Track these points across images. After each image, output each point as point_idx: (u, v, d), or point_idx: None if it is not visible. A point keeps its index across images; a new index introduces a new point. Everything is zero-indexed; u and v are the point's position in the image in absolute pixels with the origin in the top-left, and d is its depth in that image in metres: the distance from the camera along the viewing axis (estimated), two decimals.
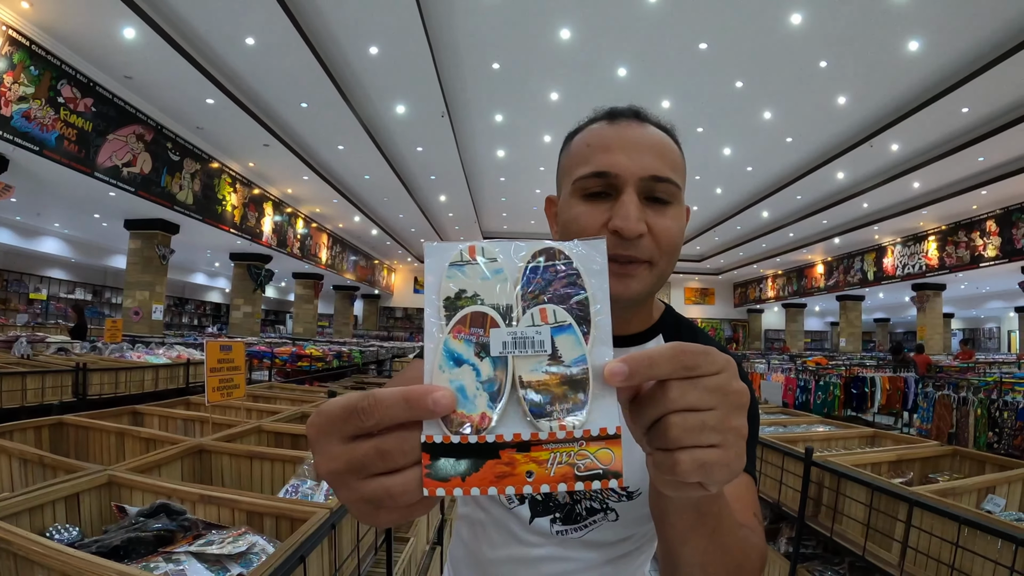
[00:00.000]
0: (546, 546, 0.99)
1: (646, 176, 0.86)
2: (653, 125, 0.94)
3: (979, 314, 30.53)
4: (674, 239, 0.89)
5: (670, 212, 0.88)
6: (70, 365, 5.29)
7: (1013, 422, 5.90)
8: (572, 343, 0.48)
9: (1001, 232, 14.47)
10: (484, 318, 0.48)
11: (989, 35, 8.52)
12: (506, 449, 0.45)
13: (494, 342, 0.47)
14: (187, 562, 1.35)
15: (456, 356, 0.47)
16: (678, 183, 0.89)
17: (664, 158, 0.89)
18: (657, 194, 0.87)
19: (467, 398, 0.45)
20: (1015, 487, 2.51)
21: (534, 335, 0.48)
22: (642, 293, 0.89)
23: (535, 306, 0.49)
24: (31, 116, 7.88)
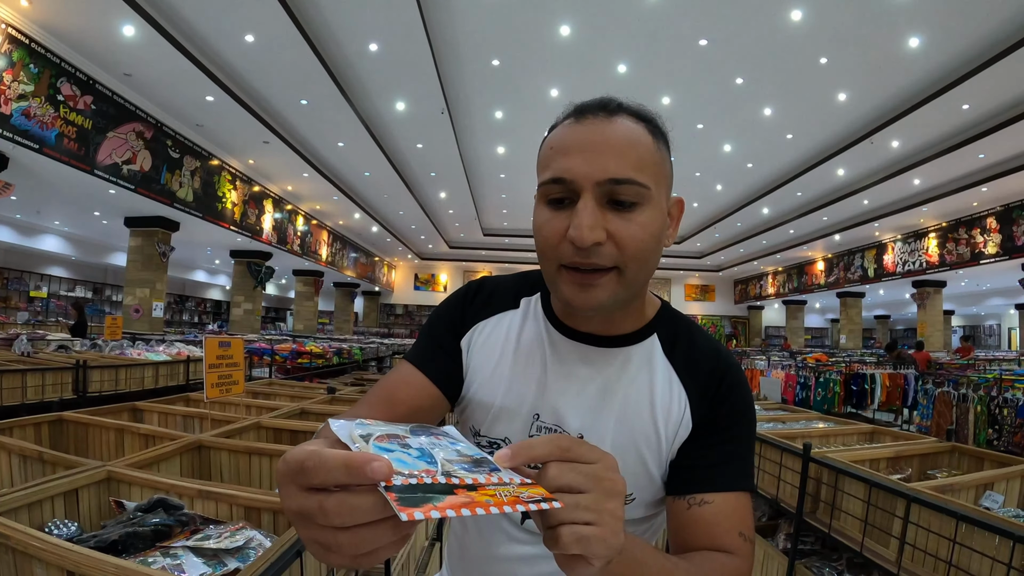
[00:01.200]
0: (537, 544, 0.98)
1: (603, 180, 0.82)
2: (627, 116, 0.89)
3: (979, 311, 30.51)
4: (639, 244, 0.84)
5: (635, 215, 0.84)
6: (70, 362, 5.29)
7: (1013, 419, 5.90)
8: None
9: (1002, 229, 14.47)
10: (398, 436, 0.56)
11: (989, 32, 8.51)
12: (459, 488, 0.49)
13: (412, 442, 0.55)
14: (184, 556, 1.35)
15: (384, 448, 0.52)
16: (643, 182, 0.84)
17: (625, 157, 0.83)
18: (619, 197, 0.83)
19: (405, 464, 0.49)
20: (1013, 483, 2.52)
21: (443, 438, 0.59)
22: (609, 301, 0.86)
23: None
24: (31, 114, 7.88)
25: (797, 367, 10.10)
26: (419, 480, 0.47)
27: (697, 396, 0.96)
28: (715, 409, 0.96)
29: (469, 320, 1.06)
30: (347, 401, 3.87)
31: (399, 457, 0.50)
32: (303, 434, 2.75)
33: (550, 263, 0.88)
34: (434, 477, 0.49)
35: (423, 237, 24.78)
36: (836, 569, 2.70)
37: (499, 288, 1.10)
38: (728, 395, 0.96)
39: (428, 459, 0.52)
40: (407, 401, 0.98)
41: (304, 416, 3.26)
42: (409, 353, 1.05)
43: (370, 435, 0.54)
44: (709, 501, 0.90)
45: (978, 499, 2.42)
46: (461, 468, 0.52)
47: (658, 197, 0.87)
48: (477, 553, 1.06)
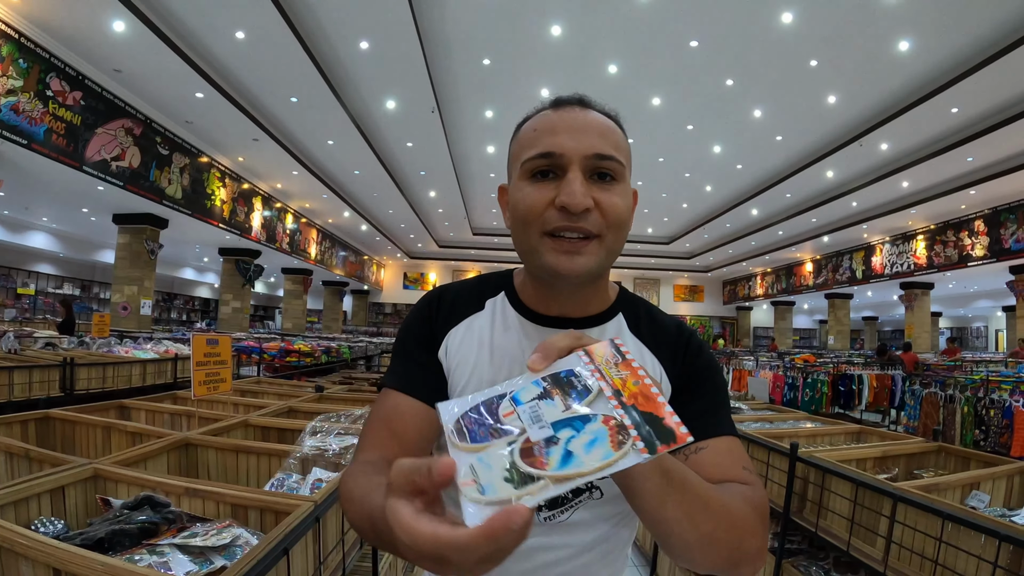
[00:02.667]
0: (534, 536, 0.97)
1: (590, 154, 0.91)
2: (597, 111, 0.98)
3: (967, 313, 30.72)
4: (620, 213, 0.92)
5: (616, 188, 0.92)
6: (57, 360, 5.27)
7: (999, 420, 5.94)
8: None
9: (989, 232, 14.58)
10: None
11: (979, 36, 8.56)
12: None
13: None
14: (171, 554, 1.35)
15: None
16: (622, 161, 0.93)
17: (607, 138, 0.93)
18: (602, 171, 0.92)
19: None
20: (999, 483, 2.54)
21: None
22: (593, 268, 0.93)
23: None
24: (19, 109, 7.83)
25: (785, 368, 10.13)
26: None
27: (669, 363, 1.03)
28: (688, 367, 1.02)
29: (439, 332, 1.07)
30: (335, 400, 3.86)
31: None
32: (290, 432, 2.74)
33: (533, 232, 0.93)
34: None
35: (412, 236, 24.76)
36: (823, 568, 2.71)
37: (460, 294, 1.12)
38: (697, 354, 1.04)
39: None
40: (411, 432, 0.99)
41: (292, 414, 3.25)
42: (389, 380, 1.05)
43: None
44: (703, 447, 0.93)
45: (964, 499, 2.44)
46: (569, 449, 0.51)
47: (628, 180, 0.96)
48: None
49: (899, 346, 15.67)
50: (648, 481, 0.69)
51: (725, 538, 0.77)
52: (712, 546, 0.76)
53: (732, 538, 0.78)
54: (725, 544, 0.77)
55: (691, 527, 0.73)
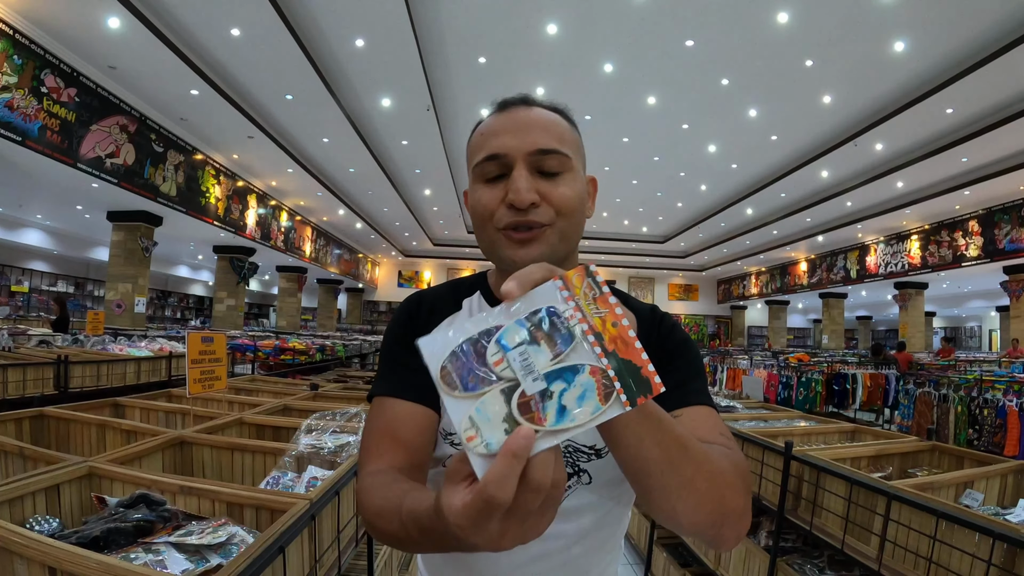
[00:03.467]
0: None
1: (533, 151, 0.95)
2: (543, 107, 1.03)
3: (961, 313, 30.82)
4: (569, 202, 0.96)
5: (562, 179, 0.97)
6: (52, 358, 5.25)
7: (993, 419, 5.97)
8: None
9: (983, 232, 14.63)
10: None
11: (974, 37, 8.59)
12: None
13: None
14: (166, 552, 1.34)
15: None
16: (567, 153, 0.97)
17: (549, 132, 0.98)
18: (546, 167, 0.96)
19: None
20: (993, 482, 2.55)
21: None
22: (547, 254, 0.97)
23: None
24: (14, 106, 7.79)
25: (779, 367, 10.15)
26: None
27: (644, 340, 0.97)
28: (662, 344, 1.04)
29: (421, 333, 1.05)
30: (330, 398, 3.86)
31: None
32: (285, 430, 2.74)
33: (489, 230, 0.99)
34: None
35: (407, 234, 24.73)
36: (817, 566, 2.72)
37: (438, 297, 1.16)
38: (670, 332, 1.06)
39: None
40: (413, 435, 1.01)
41: (287, 412, 3.25)
42: (380, 388, 1.07)
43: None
44: (679, 415, 0.94)
45: (958, 497, 2.45)
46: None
47: (578, 168, 1.01)
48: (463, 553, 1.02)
49: (893, 345, 15.71)
50: (632, 426, 0.69)
51: (706, 489, 0.77)
52: (694, 495, 0.76)
53: (713, 490, 0.78)
54: (707, 496, 0.77)
55: (671, 471, 0.73)
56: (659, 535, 4.27)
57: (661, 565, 4.10)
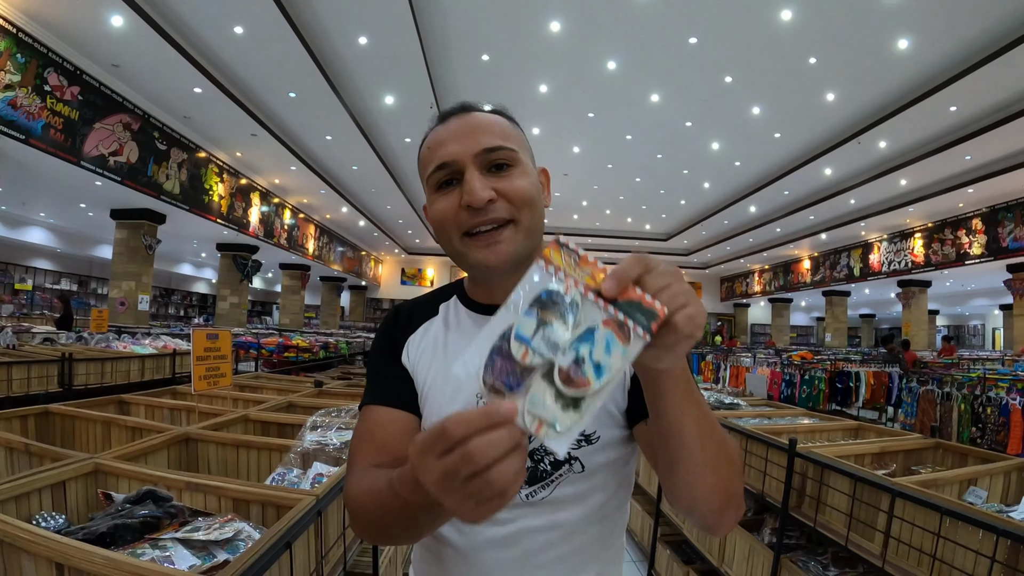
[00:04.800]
0: (520, 519, 1.01)
1: (479, 151, 0.99)
2: (481, 112, 1.06)
3: (964, 311, 30.76)
4: (525, 192, 0.99)
5: (514, 172, 1.00)
6: (56, 355, 5.26)
7: (996, 418, 5.96)
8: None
9: (987, 230, 14.60)
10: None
11: (978, 35, 8.57)
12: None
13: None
14: (173, 548, 1.35)
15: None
16: (511, 147, 1.01)
17: (492, 131, 1.01)
18: (495, 162, 1.00)
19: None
20: (996, 480, 2.55)
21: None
22: (517, 251, 1.00)
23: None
24: (17, 104, 7.80)
25: (782, 364, 10.14)
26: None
27: None
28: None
29: (399, 340, 1.15)
30: (334, 395, 3.87)
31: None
32: (290, 427, 2.75)
33: (452, 236, 1.02)
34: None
35: (410, 232, 24.74)
36: (821, 563, 2.72)
37: (417, 305, 1.21)
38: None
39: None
40: (394, 439, 1.05)
41: (291, 409, 3.25)
42: (366, 399, 1.12)
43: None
44: None
45: (962, 494, 2.45)
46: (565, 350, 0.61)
47: (527, 161, 1.04)
48: (457, 548, 1.05)
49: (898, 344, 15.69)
50: (677, 385, 0.77)
51: (724, 471, 0.85)
52: (713, 476, 0.84)
53: (728, 473, 0.86)
54: (723, 477, 0.85)
55: (700, 447, 0.81)
56: (662, 532, 4.27)
57: (664, 562, 4.11)
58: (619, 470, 1.06)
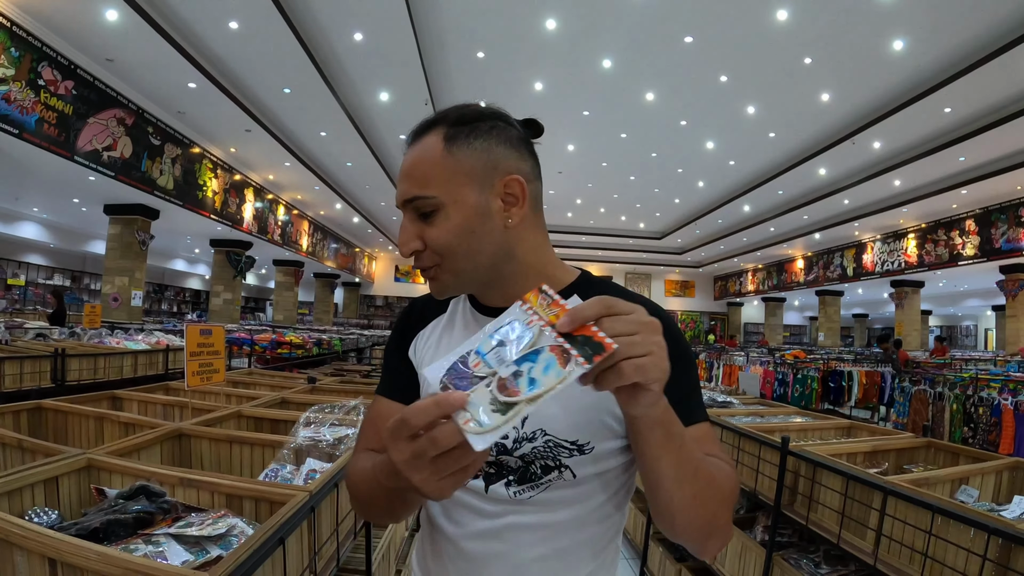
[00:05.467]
0: (508, 514, 1.02)
1: (403, 201, 1.01)
2: (433, 131, 1.02)
3: (957, 312, 30.89)
4: (443, 242, 0.99)
5: (435, 221, 0.98)
6: (48, 351, 5.24)
7: (988, 418, 5.99)
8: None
9: (980, 231, 14.67)
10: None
11: (973, 37, 8.60)
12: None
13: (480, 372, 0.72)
14: (166, 544, 1.35)
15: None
16: (428, 195, 0.98)
17: (412, 179, 1.00)
18: (420, 211, 0.99)
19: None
20: (988, 479, 2.56)
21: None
22: (452, 288, 1.06)
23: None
24: (11, 98, 7.77)
25: (775, 364, 10.17)
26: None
27: None
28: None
29: (409, 335, 1.20)
30: (327, 391, 3.86)
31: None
32: (284, 423, 2.75)
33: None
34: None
35: None
36: (813, 561, 2.73)
37: (429, 301, 1.22)
38: (674, 343, 0.96)
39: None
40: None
41: (284, 405, 3.25)
42: (377, 389, 1.21)
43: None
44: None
45: (954, 493, 2.46)
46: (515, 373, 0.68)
47: (454, 198, 0.99)
48: (449, 537, 1.08)
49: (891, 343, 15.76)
50: (652, 431, 0.81)
51: (704, 508, 0.88)
52: (693, 510, 0.88)
53: (710, 509, 0.89)
54: (703, 512, 0.89)
55: (678, 487, 0.85)
56: (655, 530, 4.28)
57: (657, 560, 4.11)
58: (615, 479, 1.05)
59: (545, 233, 1.12)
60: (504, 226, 1.02)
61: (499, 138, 1.05)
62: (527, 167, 1.07)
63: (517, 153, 1.06)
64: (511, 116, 1.11)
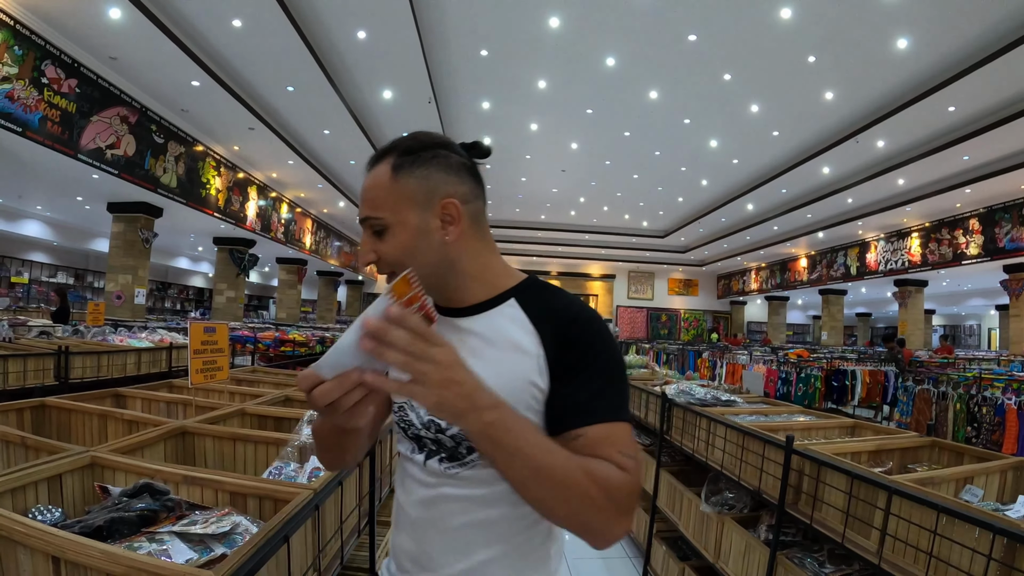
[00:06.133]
0: (444, 486, 1.19)
1: (362, 220, 1.18)
2: (384, 160, 1.20)
3: (960, 311, 30.84)
4: (391, 256, 1.16)
5: (386, 238, 1.16)
6: (52, 348, 5.25)
7: (991, 417, 5.97)
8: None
9: (984, 231, 14.62)
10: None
11: (977, 36, 8.57)
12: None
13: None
14: (171, 542, 1.35)
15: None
16: (378, 216, 1.16)
17: (367, 202, 1.18)
18: (374, 229, 1.17)
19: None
20: (992, 478, 2.55)
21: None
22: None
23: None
24: (14, 97, 7.78)
25: (779, 362, 10.15)
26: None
27: (552, 344, 1.14)
28: (569, 352, 1.13)
29: None
30: None
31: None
32: (287, 421, 2.75)
33: None
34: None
35: None
36: (817, 560, 2.72)
37: None
38: (579, 339, 1.14)
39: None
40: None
41: (288, 403, 3.25)
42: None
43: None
44: (582, 435, 1.06)
45: (958, 493, 2.45)
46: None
47: (400, 219, 1.16)
48: (401, 504, 1.28)
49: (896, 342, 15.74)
50: (478, 443, 0.96)
51: (558, 507, 0.98)
52: (545, 510, 1.01)
53: (567, 508, 0.98)
54: (560, 512, 0.99)
55: (522, 490, 0.99)
56: (658, 528, 4.28)
57: (660, 558, 4.11)
58: None
59: (488, 243, 1.26)
60: (443, 241, 1.17)
61: (439, 166, 1.18)
62: (465, 190, 1.20)
63: (456, 178, 1.20)
64: (455, 144, 1.24)
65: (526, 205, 21.75)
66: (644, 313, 30.58)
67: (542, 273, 28.61)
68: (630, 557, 4.84)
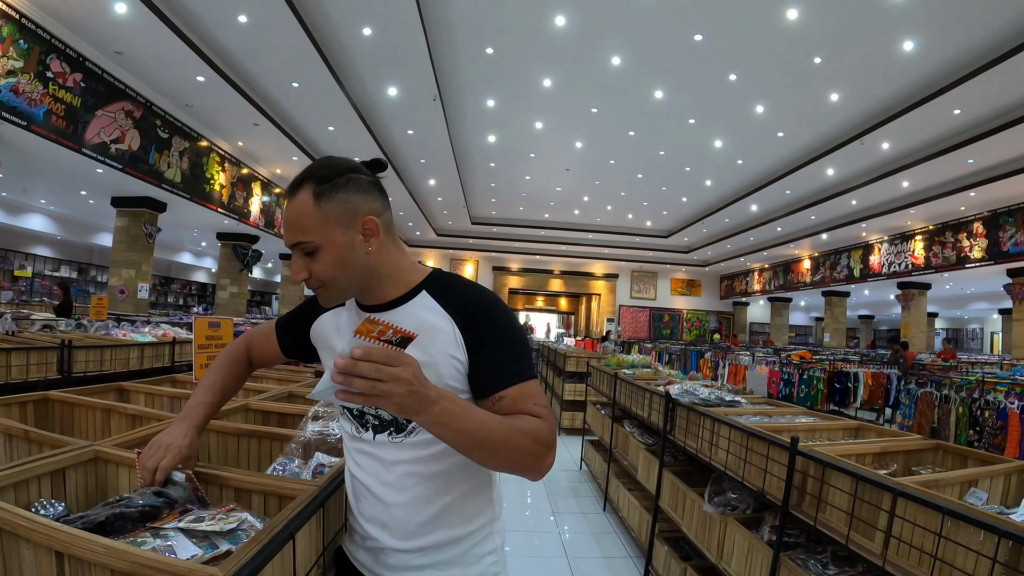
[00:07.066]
0: (395, 455, 1.45)
1: (292, 245, 1.37)
2: (304, 187, 1.36)
3: (963, 314, 30.78)
4: (325, 273, 1.37)
5: (316, 257, 1.36)
6: (55, 342, 5.25)
7: (994, 421, 5.96)
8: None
9: (988, 234, 14.60)
10: None
11: (984, 39, 8.55)
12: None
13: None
14: (175, 537, 1.34)
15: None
16: (306, 240, 1.35)
17: (293, 228, 1.36)
18: (305, 250, 1.36)
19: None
20: (997, 481, 2.54)
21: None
22: (332, 300, 1.49)
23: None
24: (19, 90, 7.80)
25: (781, 364, 10.14)
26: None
27: (462, 324, 1.41)
28: (477, 330, 1.40)
29: (317, 312, 1.70)
30: None
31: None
32: (291, 416, 2.74)
33: None
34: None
35: (411, 224, 24.69)
36: (821, 561, 2.72)
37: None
38: (483, 318, 1.41)
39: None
40: (260, 350, 1.92)
41: (292, 399, 3.25)
42: (278, 319, 1.90)
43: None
44: (504, 395, 1.36)
45: (963, 495, 2.45)
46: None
47: (327, 240, 1.36)
48: (357, 478, 1.55)
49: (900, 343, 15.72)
50: (430, 428, 1.20)
51: (504, 460, 1.29)
52: (492, 464, 1.31)
53: (511, 459, 1.29)
54: (505, 463, 1.30)
55: (469, 453, 1.25)
56: (660, 528, 4.28)
57: (662, 559, 4.11)
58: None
59: (399, 247, 1.50)
60: (367, 253, 1.40)
61: (354, 188, 1.38)
62: (378, 205, 1.43)
63: (369, 196, 1.41)
64: (360, 165, 1.45)
65: (530, 204, 21.71)
66: (647, 313, 30.53)
67: (545, 272, 28.70)
68: (631, 557, 4.83)
